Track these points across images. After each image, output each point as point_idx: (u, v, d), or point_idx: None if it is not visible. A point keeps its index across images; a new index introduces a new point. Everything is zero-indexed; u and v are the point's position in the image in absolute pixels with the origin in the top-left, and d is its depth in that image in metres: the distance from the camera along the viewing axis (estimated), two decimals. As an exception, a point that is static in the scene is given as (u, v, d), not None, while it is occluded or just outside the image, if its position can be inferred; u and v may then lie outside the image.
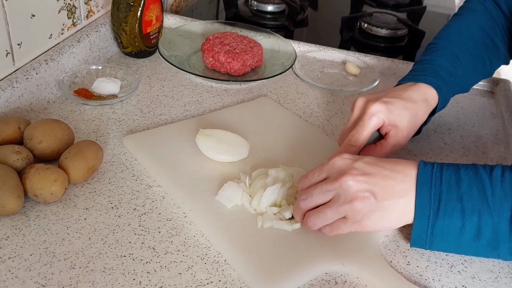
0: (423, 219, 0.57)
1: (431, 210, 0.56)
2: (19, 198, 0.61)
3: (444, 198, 0.56)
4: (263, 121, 0.83)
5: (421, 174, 0.57)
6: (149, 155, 0.73)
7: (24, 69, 0.80)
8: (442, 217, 0.56)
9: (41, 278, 0.55)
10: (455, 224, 0.56)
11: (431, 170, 0.58)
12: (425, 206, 0.57)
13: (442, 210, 0.56)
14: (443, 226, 0.57)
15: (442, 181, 0.57)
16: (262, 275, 0.57)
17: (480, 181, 0.56)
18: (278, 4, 1.29)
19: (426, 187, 0.57)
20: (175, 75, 0.96)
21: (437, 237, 0.58)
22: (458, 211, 0.56)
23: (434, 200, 0.56)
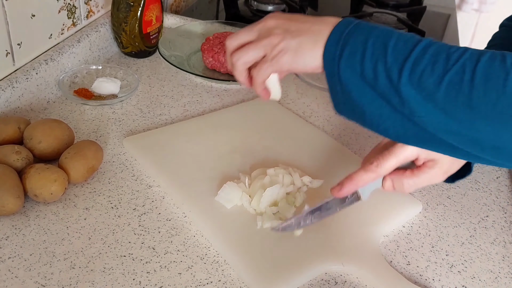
0: (330, 59, 0.56)
1: (338, 49, 0.55)
2: (19, 198, 0.61)
3: (352, 39, 0.55)
4: (263, 121, 0.83)
5: (343, 20, 0.57)
6: (149, 155, 0.73)
7: (24, 69, 0.80)
8: (345, 58, 0.55)
9: (41, 278, 0.55)
10: (356, 68, 0.54)
11: (353, 20, 0.57)
12: (334, 45, 0.56)
13: (347, 50, 0.55)
14: (346, 69, 0.55)
15: (359, 26, 0.56)
16: (262, 275, 0.57)
17: (390, 34, 0.55)
18: (278, 4, 1.29)
19: (341, 28, 0.56)
20: (175, 75, 0.96)
21: (345, 82, 0.55)
22: (360, 53, 0.54)
23: (343, 40, 0.55)
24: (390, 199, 0.69)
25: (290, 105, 0.91)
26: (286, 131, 0.81)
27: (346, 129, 0.86)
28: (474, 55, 0.51)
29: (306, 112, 0.89)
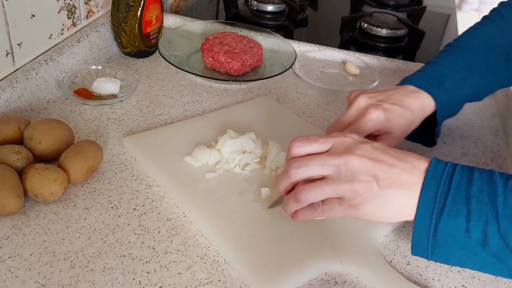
0: (425, 216, 0.52)
1: (435, 208, 0.52)
2: (19, 198, 0.61)
3: (450, 198, 0.51)
4: (262, 121, 0.83)
5: (432, 168, 0.53)
6: (149, 155, 0.73)
7: (24, 69, 0.80)
8: (446, 218, 0.51)
9: (41, 278, 0.55)
10: (460, 227, 0.51)
11: (443, 167, 0.54)
12: (430, 202, 0.52)
13: (447, 210, 0.51)
14: (446, 228, 0.51)
15: (453, 180, 0.52)
16: (262, 275, 0.57)
17: (493, 187, 0.51)
18: (278, 4, 1.29)
19: (434, 182, 0.52)
20: (175, 75, 0.97)
21: (440, 240, 0.52)
22: (464, 215, 0.51)
23: (440, 198, 0.52)
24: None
25: (290, 105, 0.91)
26: (285, 131, 0.81)
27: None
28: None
29: (305, 112, 0.89)
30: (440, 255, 0.54)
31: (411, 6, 1.44)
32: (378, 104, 0.70)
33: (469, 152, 0.84)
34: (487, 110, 0.97)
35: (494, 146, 0.86)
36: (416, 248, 0.55)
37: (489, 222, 0.50)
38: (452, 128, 0.90)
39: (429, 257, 0.54)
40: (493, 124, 0.93)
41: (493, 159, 0.83)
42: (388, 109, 0.69)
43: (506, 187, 0.51)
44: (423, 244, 0.54)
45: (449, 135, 0.88)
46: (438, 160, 0.55)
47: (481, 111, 0.96)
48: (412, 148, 0.82)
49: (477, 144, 0.86)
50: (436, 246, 0.53)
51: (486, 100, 0.99)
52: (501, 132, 0.90)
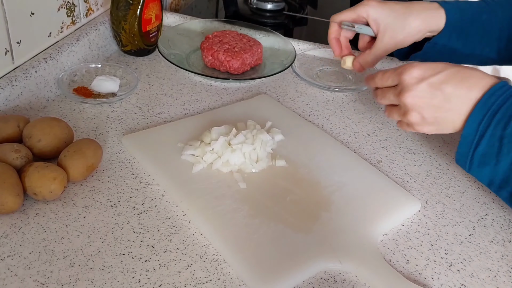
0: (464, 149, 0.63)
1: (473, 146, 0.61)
2: (18, 196, 0.61)
3: (489, 133, 0.60)
4: (262, 119, 0.83)
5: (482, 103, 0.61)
6: (148, 153, 0.73)
7: (23, 67, 0.80)
8: (478, 157, 0.61)
9: (40, 276, 0.55)
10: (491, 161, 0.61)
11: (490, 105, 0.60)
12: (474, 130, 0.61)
13: (482, 148, 0.61)
14: (479, 162, 0.61)
15: (493, 120, 0.60)
16: (261, 273, 0.57)
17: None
18: (277, 3, 1.29)
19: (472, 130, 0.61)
20: (175, 74, 0.96)
21: (476, 164, 0.62)
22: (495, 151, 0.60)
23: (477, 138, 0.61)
24: (389, 197, 0.69)
25: (290, 103, 0.91)
26: (285, 129, 0.81)
27: (346, 128, 0.86)
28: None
29: (305, 111, 0.89)
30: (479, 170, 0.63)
31: (411, 5, 1.44)
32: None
33: (469, 151, 0.84)
34: (486, 109, 0.96)
35: (493, 145, 0.86)
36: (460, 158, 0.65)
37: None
38: (451, 127, 0.90)
39: (468, 169, 0.64)
40: (493, 123, 0.92)
41: (492, 158, 0.83)
42: (380, 1, 0.77)
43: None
44: (464, 160, 0.64)
45: (449, 134, 0.87)
46: (494, 91, 0.61)
47: (481, 110, 0.96)
48: (412, 148, 0.82)
49: (476, 143, 0.86)
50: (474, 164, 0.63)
51: (485, 99, 0.99)
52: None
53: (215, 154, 0.71)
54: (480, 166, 0.62)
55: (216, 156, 0.71)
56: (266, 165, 0.72)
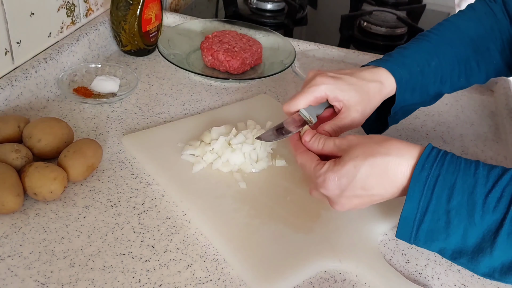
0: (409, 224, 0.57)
1: (413, 230, 0.57)
2: (18, 197, 0.61)
3: (429, 213, 0.55)
4: (262, 119, 0.83)
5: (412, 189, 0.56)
6: (148, 153, 0.73)
7: (23, 67, 0.80)
8: (423, 234, 0.56)
9: (41, 276, 0.55)
10: (441, 236, 0.56)
11: (427, 174, 0.55)
12: (408, 225, 0.57)
13: (424, 227, 0.56)
14: (426, 241, 0.56)
15: (434, 193, 0.55)
16: (261, 273, 0.57)
17: (473, 203, 0.53)
18: (277, 2, 1.29)
19: (414, 202, 0.56)
20: (174, 74, 0.96)
21: (422, 243, 0.57)
22: (443, 225, 0.55)
23: (420, 212, 0.56)
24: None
25: (290, 103, 0.91)
26: (285, 129, 0.81)
27: (346, 128, 0.86)
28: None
29: (305, 111, 0.89)
30: (424, 246, 0.58)
31: (410, 5, 1.44)
32: (325, 73, 0.69)
33: (468, 151, 0.84)
34: (486, 108, 0.97)
35: (493, 144, 0.86)
36: (400, 236, 0.59)
37: (468, 229, 0.54)
38: (451, 127, 0.90)
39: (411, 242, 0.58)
40: (492, 122, 0.93)
41: (492, 158, 0.83)
42: (335, 77, 0.68)
43: (484, 204, 0.53)
44: (407, 238, 0.58)
45: (448, 134, 0.88)
46: (421, 170, 0.55)
47: (480, 110, 0.96)
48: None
49: (476, 143, 0.86)
50: (420, 242, 0.57)
51: (485, 98, 1.00)
52: (500, 131, 0.90)
53: (215, 154, 0.71)
54: (428, 242, 0.56)
55: (216, 156, 0.71)
56: (266, 165, 0.73)
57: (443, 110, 0.94)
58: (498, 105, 0.97)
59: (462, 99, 0.99)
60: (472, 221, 0.53)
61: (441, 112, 0.93)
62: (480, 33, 0.77)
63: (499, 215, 0.52)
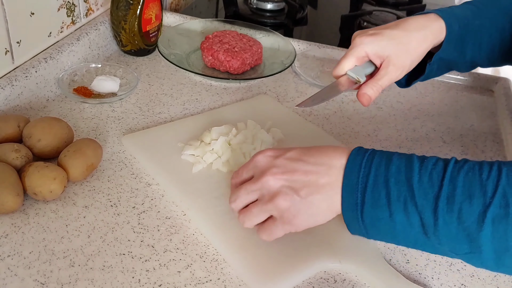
0: (350, 208, 0.53)
1: (358, 196, 0.53)
2: (18, 196, 0.61)
3: (370, 182, 0.52)
4: (262, 119, 0.83)
5: (352, 158, 0.54)
6: (148, 153, 0.73)
7: (23, 67, 0.80)
8: (369, 205, 0.52)
9: (40, 276, 0.55)
10: (383, 212, 0.52)
11: (363, 154, 0.54)
12: (352, 193, 0.53)
13: (369, 196, 0.52)
14: (372, 215, 0.52)
15: (372, 164, 0.53)
16: (261, 273, 0.57)
17: (410, 167, 0.52)
18: (277, 2, 1.29)
19: (355, 170, 0.53)
20: (175, 74, 0.96)
21: (370, 226, 0.53)
22: (384, 197, 0.51)
23: (361, 184, 0.53)
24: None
25: (290, 103, 0.91)
26: (285, 129, 0.81)
27: (346, 128, 0.86)
28: (510, 176, 0.48)
29: (305, 111, 0.89)
30: (375, 235, 0.55)
31: (410, 5, 1.44)
32: (364, 31, 0.70)
33: (469, 151, 0.84)
34: (486, 108, 0.97)
35: (493, 145, 0.86)
36: (353, 230, 0.56)
37: (408, 202, 0.50)
38: (451, 127, 0.90)
39: (368, 236, 0.55)
40: (493, 122, 0.93)
41: (492, 158, 0.83)
42: (374, 33, 0.68)
43: (421, 166, 0.51)
44: (357, 228, 0.55)
45: (448, 134, 0.88)
46: (359, 148, 0.55)
47: (481, 110, 0.96)
48: (412, 147, 0.82)
49: (476, 143, 0.86)
50: (368, 229, 0.54)
51: (485, 99, 0.99)
52: (501, 131, 0.90)
53: (215, 154, 0.71)
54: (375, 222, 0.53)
55: (216, 156, 0.71)
56: None
57: (443, 110, 0.94)
58: (498, 105, 0.97)
59: (462, 99, 0.99)
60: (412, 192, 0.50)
61: (441, 112, 0.93)
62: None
63: (436, 187, 0.50)
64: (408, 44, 0.68)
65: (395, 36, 0.68)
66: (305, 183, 0.55)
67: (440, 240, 0.50)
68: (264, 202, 0.56)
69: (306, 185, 0.55)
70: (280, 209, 0.55)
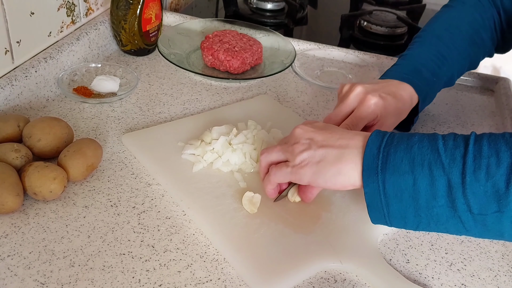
0: (371, 179, 0.52)
1: (379, 162, 0.52)
2: (18, 196, 0.61)
3: (392, 151, 0.52)
4: (262, 119, 0.83)
5: (374, 135, 0.55)
6: (148, 153, 0.73)
7: (23, 67, 0.80)
8: (391, 171, 0.51)
9: (40, 276, 0.55)
10: (407, 179, 0.51)
11: (384, 133, 0.55)
12: (373, 159, 0.53)
13: (391, 162, 0.52)
14: (394, 182, 0.51)
15: (394, 136, 0.54)
16: (261, 273, 0.57)
17: (433, 136, 0.53)
18: (277, 2, 1.29)
19: (377, 139, 0.54)
20: (175, 73, 0.96)
21: (392, 197, 0.52)
22: (407, 163, 0.51)
23: (383, 153, 0.52)
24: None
25: (290, 103, 0.91)
26: (285, 129, 0.81)
27: (346, 127, 0.86)
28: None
29: (305, 111, 0.89)
30: (396, 214, 0.53)
31: (410, 4, 1.44)
32: (375, 91, 0.72)
33: (469, 151, 0.84)
34: (486, 108, 0.97)
35: (493, 144, 0.86)
36: (373, 212, 0.55)
37: (433, 165, 0.50)
38: (451, 127, 0.90)
39: (387, 219, 0.54)
40: (493, 122, 0.93)
41: (492, 158, 0.83)
42: (384, 97, 0.71)
43: (444, 136, 0.53)
44: (377, 205, 0.53)
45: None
46: (379, 130, 0.57)
47: (481, 110, 0.96)
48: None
49: (476, 143, 0.86)
50: (390, 203, 0.53)
51: (485, 98, 0.99)
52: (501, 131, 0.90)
53: (215, 154, 0.71)
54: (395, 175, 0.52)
55: (216, 155, 0.71)
56: None
57: (443, 110, 0.94)
58: (498, 105, 0.97)
59: (462, 99, 0.99)
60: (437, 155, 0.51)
61: (441, 112, 0.93)
62: (474, 26, 0.82)
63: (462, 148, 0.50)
64: (401, 115, 0.75)
65: (398, 107, 0.73)
66: (325, 138, 0.58)
67: (469, 201, 0.49)
68: (286, 146, 0.61)
69: (325, 140, 0.57)
70: (296, 153, 0.58)
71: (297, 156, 0.58)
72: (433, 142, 0.52)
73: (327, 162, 0.56)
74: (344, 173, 0.55)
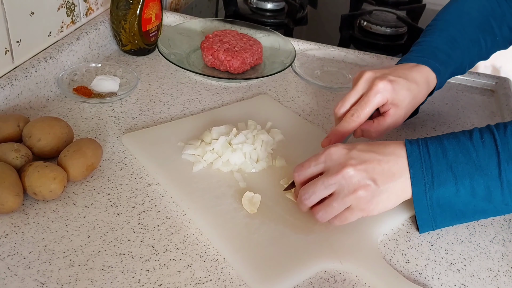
0: (420, 193, 0.60)
1: (426, 183, 0.60)
2: (18, 196, 0.61)
3: (435, 170, 0.59)
4: (262, 119, 0.83)
5: (410, 152, 0.61)
6: (148, 153, 0.73)
7: (23, 66, 0.80)
8: (437, 187, 0.59)
9: (40, 276, 0.55)
10: (450, 190, 0.59)
11: (418, 148, 0.61)
12: (420, 181, 0.60)
13: (436, 181, 0.59)
14: (439, 196, 0.60)
15: (430, 155, 0.60)
16: (261, 273, 0.57)
17: (464, 147, 0.59)
18: (277, 2, 1.29)
19: (417, 163, 0.60)
20: (175, 73, 0.96)
21: (437, 207, 0.61)
22: (451, 178, 0.59)
23: (427, 174, 0.60)
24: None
25: (289, 103, 0.91)
26: (285, 129, 0.81)
27: (346, 127, 0.86)
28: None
29: (305, 110, 0.89)
30: (443, 220, 0.62)
31: (410, 4, 1.44)
32: (383, 76, 0.72)
33: (469, 151, 0.84)
34: (487, 108, 0.97)
35: (493, 144, 0.86)
36: (422, 223, 0.63)
37: (473, 176, 0.59)
38: (451, 127, 0.90)
39: (434, 227, 0.63)
40: (493, 122, 0.92)
41: (492, 158, 0.83)
42: (394, 80, 0.71)
43: (473, 144, 0.60)
44: (426, 218, 0.62)
45: (449, 134, 0.88)
46: (409, 142, 0.62)
47: (481, 110, 0.96)
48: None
49: (476, 143, 0.86)
50: (437, 214, 0.62)
51: (485, 98, 0.99)
52: (501, 131, 0.90)
53: (215, 154, 0.71)
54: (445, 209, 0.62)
55: (216, 155, 0.71)
56: (266, 165, 0.72)
57: (443, 110, 0.94)
58: (498, 105, 0.97)
59: (463, 99, 0.99)
60: (471, 161, 0.59)
61: (441, 112, 0.93)
62: (483, 13, 0.82)
63: (491, 147, 0.58)
64: (417, 97, 0.74)
65: (411, 88, 0.72)
66: (381, 172, 0.60)
67: (507, 200, 0.59)
68: (344, 195, 0.59)
69: (382, 174, 0.60)
70: (360, 198, 0.59)
71: (363, 201, 0.60)
72: (467, 156, 0.59)
73: (390, 194, 0.61)
74: (402, 195, 0.62)
